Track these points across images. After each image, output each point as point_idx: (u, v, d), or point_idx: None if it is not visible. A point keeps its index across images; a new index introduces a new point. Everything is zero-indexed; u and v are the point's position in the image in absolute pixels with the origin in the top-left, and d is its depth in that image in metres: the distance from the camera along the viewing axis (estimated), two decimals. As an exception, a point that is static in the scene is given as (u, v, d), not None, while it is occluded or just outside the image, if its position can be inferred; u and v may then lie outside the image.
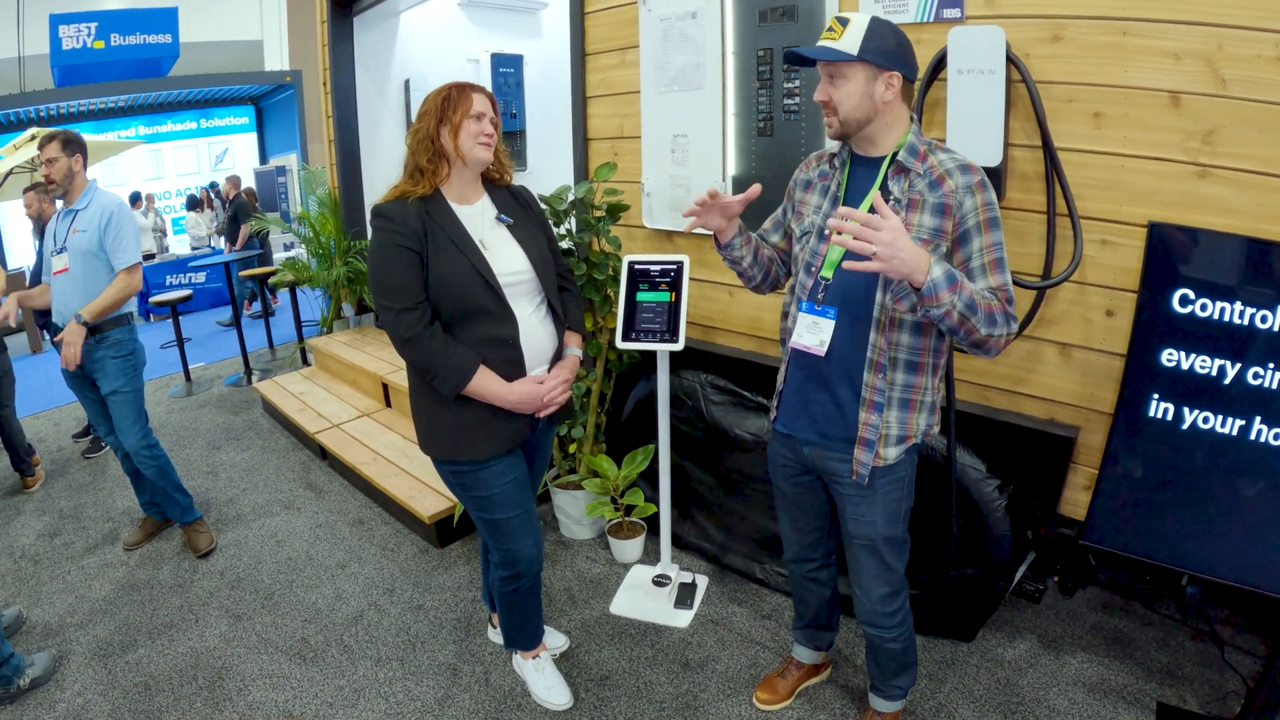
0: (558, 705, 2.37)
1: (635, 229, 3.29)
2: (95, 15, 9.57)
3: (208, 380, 6.12)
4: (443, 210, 1.96)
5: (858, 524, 1.88)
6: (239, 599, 3.03)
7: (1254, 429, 1.86)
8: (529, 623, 2.38)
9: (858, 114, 1.64)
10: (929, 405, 1.79)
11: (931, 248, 1.61)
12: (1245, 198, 1.90)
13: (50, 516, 3.86)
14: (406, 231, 1.90)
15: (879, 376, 1.72)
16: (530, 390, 2.01)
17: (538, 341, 2.07)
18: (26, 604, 3.05)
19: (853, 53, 1.57)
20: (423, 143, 1.94)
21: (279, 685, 2.53)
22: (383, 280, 1.92)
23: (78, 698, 2.51)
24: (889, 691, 2.12)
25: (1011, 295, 1.62)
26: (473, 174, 2.03)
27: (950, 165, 1.62)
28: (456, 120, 1.93)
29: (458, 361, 1.93)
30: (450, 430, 2.03)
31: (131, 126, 10.68)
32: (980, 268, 1.61)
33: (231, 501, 3.90)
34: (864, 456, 1.78)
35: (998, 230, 1.62)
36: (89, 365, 3.15)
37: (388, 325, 1.94)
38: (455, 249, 1.93)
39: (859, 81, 1.61)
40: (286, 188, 9.81)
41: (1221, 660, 2.40)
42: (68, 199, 3.13)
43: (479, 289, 1.94)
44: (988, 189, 1.61)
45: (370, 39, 5.38)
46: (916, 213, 1.63)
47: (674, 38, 2.86)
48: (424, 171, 1.95)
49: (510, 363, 2.01)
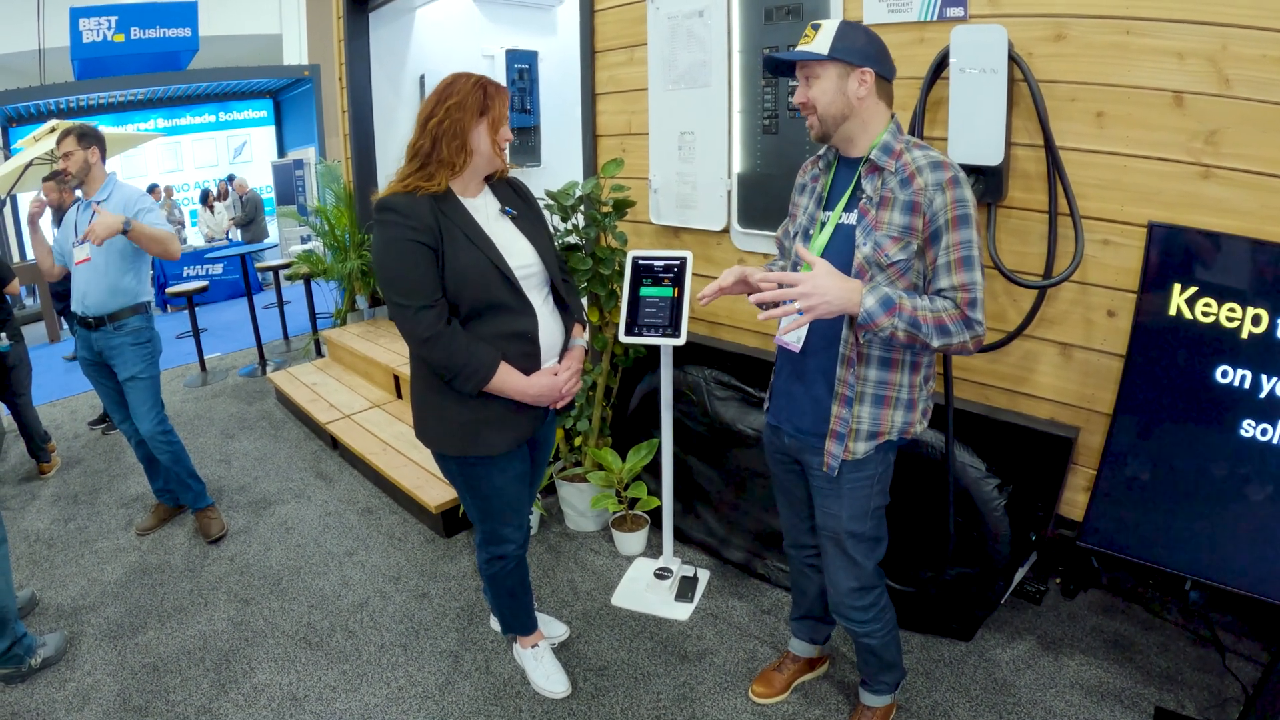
0: (555, 693, 2.40)
1: (642, 225, 3.31)
2: (115, 9, 9.67)
3: (223, 370, 6.20)
4: (453, 204, 1.92)
5: (824, 516, 1.93)
6: (248, 584, 3.09)
7: (1257, 432, 1.85)
8: (517, 604, 2.40)
9: (833, 110, 1.69)
10: (906, 403, 1.80)
11: (902, 245, 1.65)
12: (1248, 199, 1.89)
13: (65, 502, 3.93)
14: (421, 226, 1.84)
15: (849, 371, 1.76)
16: (549, 383, 2.02)
17: (551, 334, 2.07)
18: (40, 586, 3.11)
19: (823, 52, 1.64)
20: (450, 132, 1.85)
21: (284, 668, 2.58)
22: (398, 277, 1.85)
23: (87, 677, 2.56)
24: (875, 686, 2.15)
25: (975, 296, 1.63)
26: (485, 172, 2.01)
27: (922, 162, 1.64)
28: (496, 118, 1.90)
29: (481, 359, 1.89)
30: (464, 425, 2.00)
31: (151, 119, 10.79)
32: (945, 265, 1.64)
33: (243, 489, 3.96)
34: (834, 449, 1.81)
35: (967, 228, 1.63)
36: (107, 352, 3.21)
37: (404, 324, 1.88)
38: (470, 243, 1.89)
39: (831, 79, 1.67)
40: (304, 181, 9.87)
41: (1222, 666, 2.39)
42: (86, 191, 3.18)
43: (497, 283, 1.92)
44: (959, 186, 1.62)
45: (386, 34, 5.42)
46: (887, 210, 1.66)
47: (681, 36, 2.88)
48: (444, 164, 1.87)
49: (527, 356, 2.00)
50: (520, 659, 2.52)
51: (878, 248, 1.66)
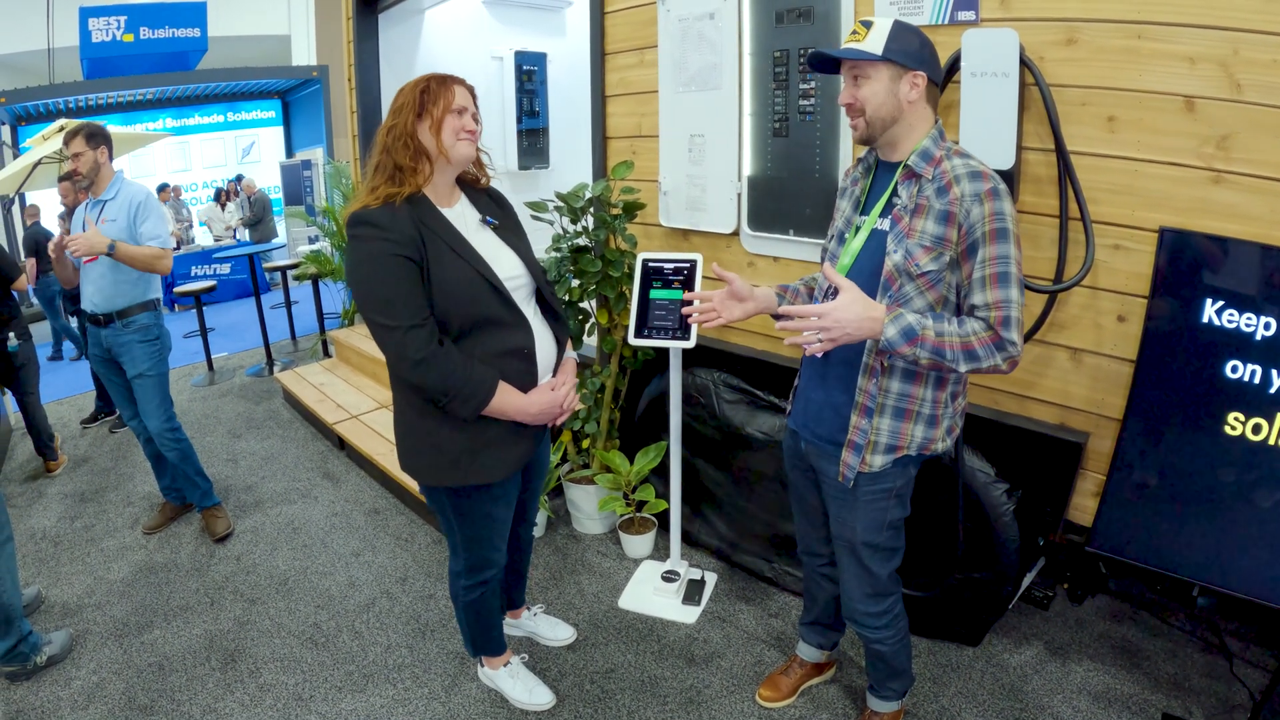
0: (542, 705, 2.34)
1: (652, 227, 3.31)
2: (125, 9, 9.70)
3: (230, 370, 6.22)
4: (433, 214, 1.80)
5: (838, 525, 1.91)
6: (254, 584, 3.09)
7: (1272, 437, 1.84)
8: (492, 624, 2.31)
9: (883, 113, 1.64)
10: (928, 418, 1.75)
11: (934, 255, 1.60)
12: (1260, 204, 1.88)
13: (71, 500, 3.95)
14: (403, 239, 1.71)
15: (872, 382, 1.73)
16: (549, 399, 1.92)
17: (546, 348, 1.97)
18: (46, 584, 3.12)
19: (877, 52, 1.59)
20: (400, 139, 1.77)
21: (290, 668, 2.58)
22: (381, 296, 1.72)
23: (93, 675, 2.57)
24: (883, 692, 2.14)
25: (1009, 315, 1.56)
26: (454, 174, 1.90)
27: (960, 171, 1.59)
28: (438, 114, 1.78)
29: (479, 379, 1.78)
30: (459, 453, 1.87)
31: (159, 119, 10.82)
32: (980, 280, 1.57)
33: (250, 489, 3.97)
34: (850, 459, 1.79)
35: (1005, 242, 1.56)
36: (115, 349, 3.22)
37: (392, 347, 1.74)
38: (456, 255, 1.78)
39: (883, 81, 1.62)
40: (311, 181, 9.91)
41: (1230, 673, 2.38)
42: (94, 190, 3.20)
43: (488, 296, 1.82)
44: (999, 198, 1.55)
45: (395, 35, 5.43)
46: (921, 218, 1.62)
47: (692, 38, 2.88)
48: (404, 170, 1.78)
49: (525, 373, 1.90)
50: (493, 680, 2.42)
51: (908, 256, 1.62)
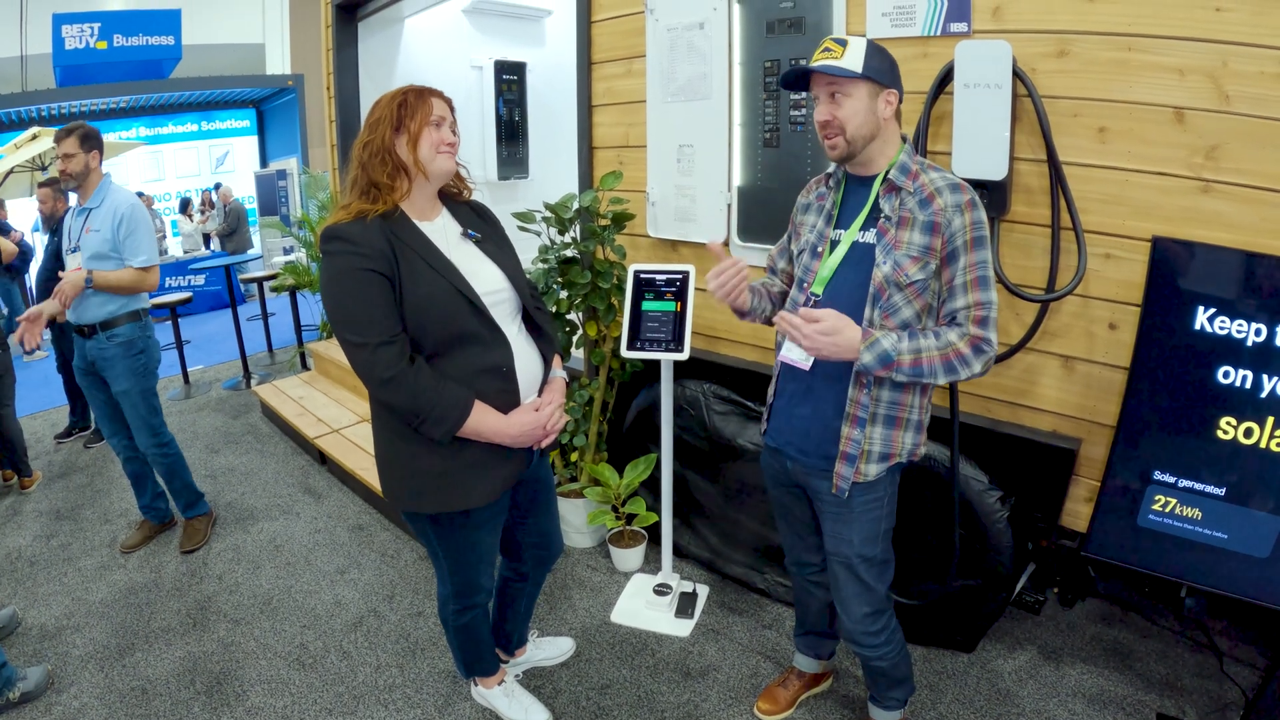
0: None
1: (640, 238, 3.30)
2: (98, 15, 9.59)
3: (206, 383, 6.11)
4: (408, 228, 1.75)
5: (835, 541, 1.90)
6: (237, 604, 3.02)
7: (1264, 440, 1.87)
8: (484, 645, 2.26)
9: (863, 131, 1.66)
10: (915, 424, 1.80)
11: (921, 265, 1.66)
12: (1247, 213, 1.92)
13: (47, 518, 3.84)
14: (373, 253, 1.66)
15: (863, 391, 1.74)
16: (530, 420, 1.83)
17: (529, 366, 1.90)
18: (23, 606, 3.03)
19: (858, 70, 1.61)
20: (376, 155, 1.72)
21: (278, 691, 2.52)
22: (350, 312, 1.68)
23: (74, 701, 2.49)
24: (885, 702, 2.13)
25: (988, 315, 1.65)
26: (434, 188, 1.84)
27: (940, 184, 1.66)
28: (415, 129, 1.73)
29: (451, 399, 1.71)
30: (437, 477, 1.81)
31: (133, 128, 10.68)
32: (962, 285, 1.66)
33: (230, 505, 3.89)
34: (845, 471, 1.79)
35: (983, 249, 1.65)
36: (99, 363, 3.14)
37: (361, 365, 1.69)
38: (430, 269, 1.73)
39: (863, 99, 1.64)
40: (287, 191, 9.80)
41: (1220, 671, 2.41)
42: (81, 195, 3.12)
43: (464, 312, 1.76)
44: (976, 208, 1.65)
45: (374, 44, 5.39)
46: (907, 230, 1.66)
47: (681, 48, 2.87)
48: (381, 188, 1.72)
49: (505, 393, 1.83)
50: (488, 700, 2.37)
51: (897, 267, 1.66)
